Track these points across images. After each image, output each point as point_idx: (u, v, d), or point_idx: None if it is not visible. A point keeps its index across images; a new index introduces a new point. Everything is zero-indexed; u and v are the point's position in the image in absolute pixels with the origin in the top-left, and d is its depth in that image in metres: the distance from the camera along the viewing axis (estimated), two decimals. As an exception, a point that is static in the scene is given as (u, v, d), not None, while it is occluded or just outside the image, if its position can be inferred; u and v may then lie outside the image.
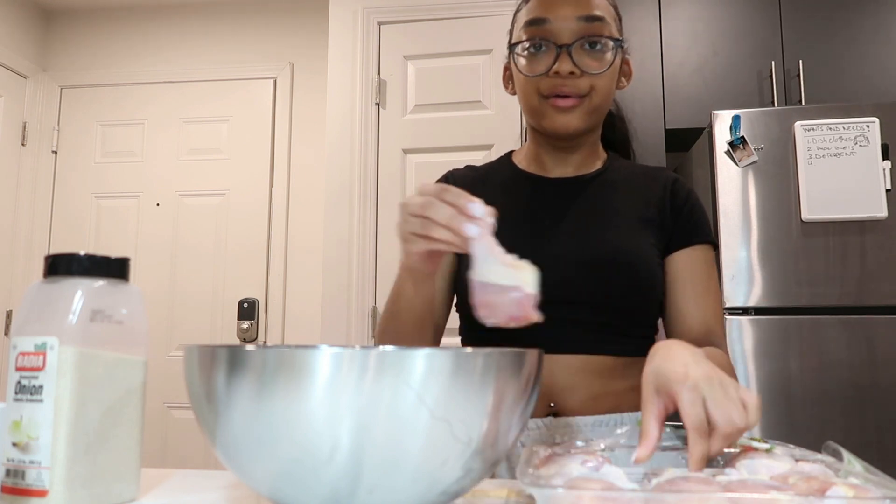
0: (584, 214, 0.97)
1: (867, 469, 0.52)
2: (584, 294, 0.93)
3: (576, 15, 0.92)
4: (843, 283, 2.00)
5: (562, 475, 0.52)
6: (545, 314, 0.94)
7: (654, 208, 0.98)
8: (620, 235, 0.96)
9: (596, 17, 0.93)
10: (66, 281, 0.56)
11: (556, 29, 0.92)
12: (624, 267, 0.93)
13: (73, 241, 3.13)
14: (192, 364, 0.51)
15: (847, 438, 1.93)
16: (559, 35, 0.92)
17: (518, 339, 0.95)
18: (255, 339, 2.97)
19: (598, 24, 0.93)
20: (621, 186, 1.01)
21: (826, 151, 2.03)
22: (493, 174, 1.07)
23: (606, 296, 0.93)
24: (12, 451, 0.54)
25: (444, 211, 0.66)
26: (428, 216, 0.67)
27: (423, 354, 0.46)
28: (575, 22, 0.92)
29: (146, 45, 3.26)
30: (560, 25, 0.92)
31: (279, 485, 0.48)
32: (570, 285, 0.93)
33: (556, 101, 0.93)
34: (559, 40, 0.92)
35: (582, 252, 0.94)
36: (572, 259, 0.94)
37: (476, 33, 2.57)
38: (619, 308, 0.93)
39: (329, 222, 2.59)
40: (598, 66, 0.93)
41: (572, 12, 0.92)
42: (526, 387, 0.52)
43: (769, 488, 0.46)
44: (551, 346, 0.92)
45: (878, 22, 2.39)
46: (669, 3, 2.51)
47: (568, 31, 0.92)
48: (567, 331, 0.93)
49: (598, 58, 0.93)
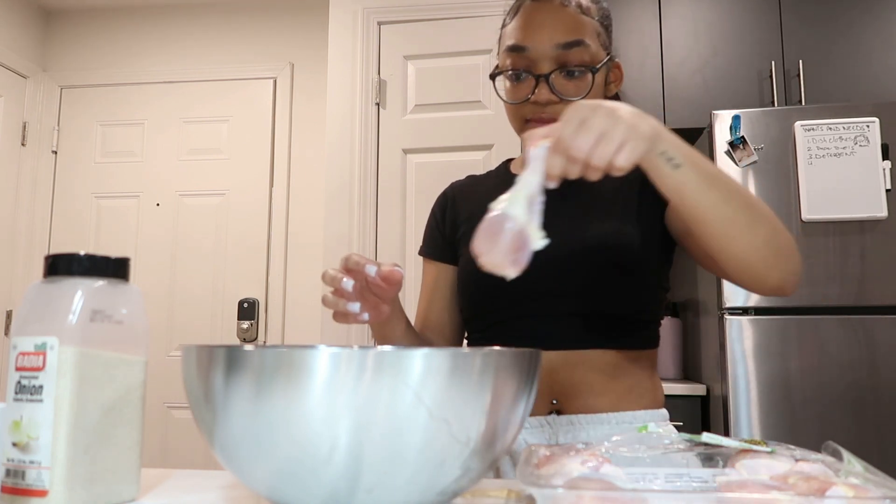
0: (570, 207, 0.97)
1: (867, 469, 0.52)
2: (575, 286, 0.93)
3: (553, 43, 0.91)
4: (843, 283, 2.00)
5: (562, 475, 0.52)
6: (539, 310, 0.95)
7: (638, 183, 0.96)
8: (602, 223, 0.96)
9: (575, 43, 0.92)
10: (66, 281, 0.56)
11: (534, 57, 0.92)
12: (609, 253, 0.93)
13: (73, 241, 3.13)
14: (190, 364, 0.51)
15: (847, 438, 1.93)
16: (537, 64, 0.92)
17: (517, 335, 0.95)
18: (255, 339, 2.97)
19: (577, 49, 0.92)
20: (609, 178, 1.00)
21: (826, 151, 2.03)
22: (489, 179, 1.11)
23: (596, 285, 0.93)
24: (12, 451, 0.54)
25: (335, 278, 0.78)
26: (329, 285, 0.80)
27: (421, 354, 0.46)
28: (552, 50, 0.91)
29: (146, 45, 3.26)
30: (538, 54, 0.92)
31: (278, 485, 0.48)
32: (560, 278, 0.93)
33: (535, 126, 0.94)
34: (537, 69, 0.92)
35: (568, 244, 0.94)
36: (560, 252, 0.94)
37: (476, 33, 2.57)
38: (612, 296, 0.93)
39: (329, 222, 2.59)
40: (578, 91, 0.93)
41: (550, 40, 0.91)
42: (524, 386, 0.52)
43: (769, 488, 0.46)
44: (550, 343, 0.93)
45: (878, 22, 2.39)
46: (669, 3, 2.51)
47: (546, 60, 0.92)
48: (564, 325, 0.93)
49: (577, 83, 0.93)
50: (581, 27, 0.93)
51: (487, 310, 0.98)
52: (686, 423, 2.12)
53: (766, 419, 1.98)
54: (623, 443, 0.60)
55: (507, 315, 0.96)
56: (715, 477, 0.51)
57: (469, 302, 1.01)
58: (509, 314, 0.96)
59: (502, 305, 0.96)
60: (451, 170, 1.16)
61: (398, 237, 2.53)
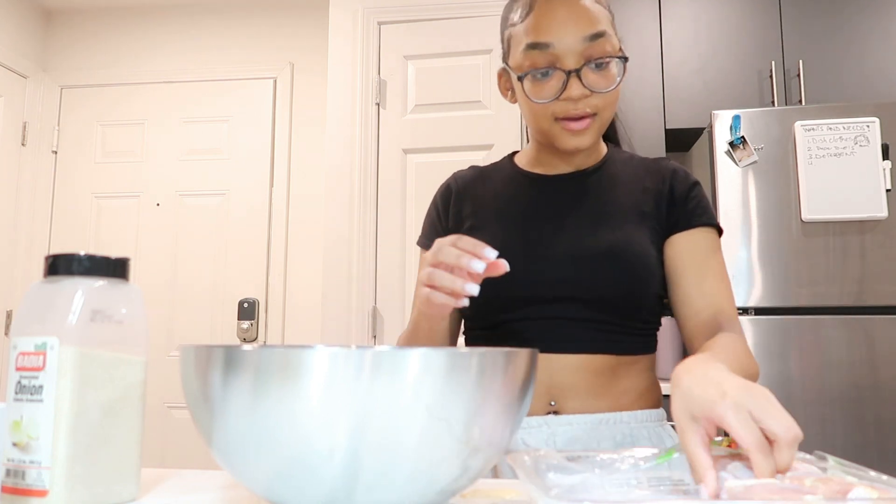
0: (580, 210, 0.97)
1: (840, 463, 0.52)
2: (580, 290, 0.93)
3: (581, 35, 0.89)
4: (843, 283, 2.00)
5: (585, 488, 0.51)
6: (543, 312, 0.95)
7: (653, 200, 0.97)
8: (615, 230, 0.95)
9: (598, 34, 0.90)
10: (67, 281, 0.56)
11: (561, 53, 0.89)
12: (618, 261, 0.92)
13: (73, 241, 3.13)
14: (188, 364, 0.51)
15: (847, 438, 1.93)
16: (566, 59, 0.90)
17: (518, 338, 0.95)
18: (255, 340, 2.97)
19: (602, 40, 0.90)
20: (620, 180, 1.00)
21: (826, 151, 2.03)
22: (495, 173, 1.07)
23: (601, 291, 0.92)
24: (12, 451, 0.54)
25: (452, 253, 0.73)
26: (439, 260, 0.74)
27: (419, 354, 0.46)
28: (579, 43, 0.89)
29: (146, 45, 3.26)
30: (564, 49, 0.89)
31: (277, 485, 0.48)
32: (565, 282, 0.93)
33: (569, 125, 0.92)
34: (567, 65, 0.90)
35: (576, 248, 0.94)
36: (567, 256, 0.94)
37: (476, 33, 2.57)
38: (615, 304, 0.93)
39: (329, 222, 2.59)
40: (607, 83, 0.91)
41: (576, 33, 0.89)
42: (522, 385, 0.52)
43: (796, 492, 0.46)
44: (550, 345, 0.93)
45: (878, 22, 2.39)
46: (669, 3, 2.51)
47: (575, 55, 0.89)
48: (565, 329, 0.93)
49: (606, 75, 0.91)
50: (600, 18, 0.91)
51: (489, 311, 0.98)
52: (686, 423, 2.11)
53: (765, 419, 1.98)
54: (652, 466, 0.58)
55: (508, 317, 0.96)
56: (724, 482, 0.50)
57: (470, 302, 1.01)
58: (511, 316, 0.96)
59: (504, 307, 0.96)
60: (451, 170, 1.15)
61: (398, 237, 2.53)
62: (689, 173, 1.01)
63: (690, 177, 1.00)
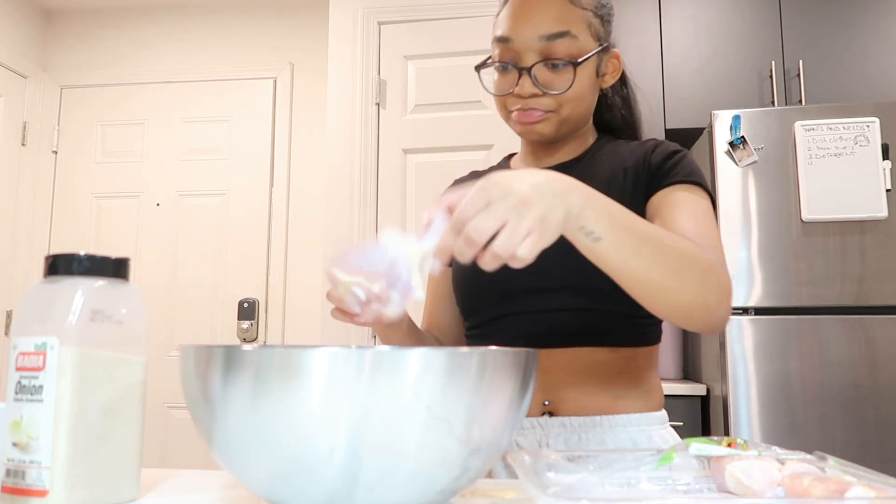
0: None
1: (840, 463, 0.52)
2: (565, 279, 0.90)
3: (537, 34, 0.89)
4: (843, 283, 2.00)
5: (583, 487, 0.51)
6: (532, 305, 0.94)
7: (633, 176, 0.93)
8: None
9: (559, 34, 0.89)
10: (66, 281, 0.56)
11: (518, 49, 0.91)
12: None
13: (73, 241, 3.13)
14: (188, 364, 0.51)
15: (847, 438, 1.93)
16: (521, 56, 0.91)
17: (510, 332, 0.94)
18: (255, 340, 2.97)
19: (562, 40, 0.89)
20: (604, 166, 0.97)
21: (826, 151, 2.03)
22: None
23: (590, 280, 0.88)
24: (12, 451, 0.54)
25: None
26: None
27: (419, 354, 0.46)
28: (536, 41, 0.89)
29: (146, 45, 3.26)
30: (522, 45, 0.90)
31: (277, 485, 0.48)
32: (550, 272, 0.90)
33: (520, 117, 0.93)
34: (520, 62, 0.91)
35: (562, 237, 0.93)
36: (554, 245, 0.93)
37: (476, 33, 2.57)
38: (605, 291, 0.87)
39: (329, 222, 2.59)
40: (562, 84, 0.90)
41: (534, 31, 0.89)
42: (521, 385, 0.52)
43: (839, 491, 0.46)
44: (542, 340, 0.91)
45: (878, 22, 2.39)
46: (669, 3, 2.51)
47: (530, 52, 0.90)
48: (555, 321, 0.91)
49: (561, 76, 0.90)
50: (568, 18, 0.90)
51: (481, 306, 0.97)
52: (686, 423, 2.12)
53: (766, 419, 1.98)
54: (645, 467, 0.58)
55: (502, 311, 0.95)
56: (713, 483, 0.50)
57: (462, 298, 1.00)
58: (504, 310, 0.94)
59: (496, 301, 0.95)
60: (451, 170, 1.15)
61: (398, 237, 2.53)
62: (673, 145, 0.97)
63: (673, 146, 0.96)
